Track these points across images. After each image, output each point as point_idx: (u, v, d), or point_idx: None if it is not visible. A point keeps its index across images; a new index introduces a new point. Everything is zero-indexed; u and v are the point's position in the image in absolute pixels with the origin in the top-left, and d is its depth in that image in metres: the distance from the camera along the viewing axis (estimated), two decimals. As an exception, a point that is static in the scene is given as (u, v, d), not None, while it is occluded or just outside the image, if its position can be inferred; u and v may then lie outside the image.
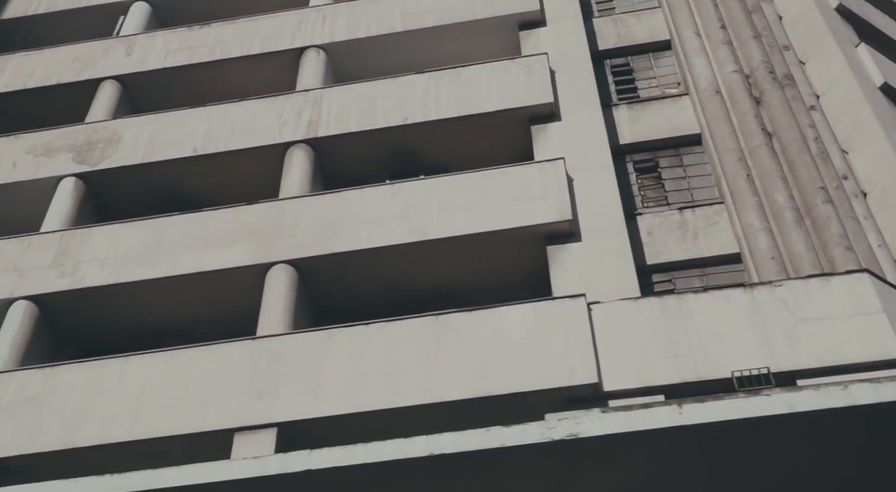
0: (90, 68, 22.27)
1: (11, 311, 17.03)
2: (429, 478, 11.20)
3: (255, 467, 11.16)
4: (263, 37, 22.13)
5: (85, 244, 17.81)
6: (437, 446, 10.93)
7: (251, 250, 17.08)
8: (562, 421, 10.85)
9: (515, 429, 10.90)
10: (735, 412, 10.48)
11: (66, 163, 19.76)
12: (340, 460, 10.98)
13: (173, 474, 11.43)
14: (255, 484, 11.19)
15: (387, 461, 10.93)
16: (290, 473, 11.09)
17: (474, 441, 10.84)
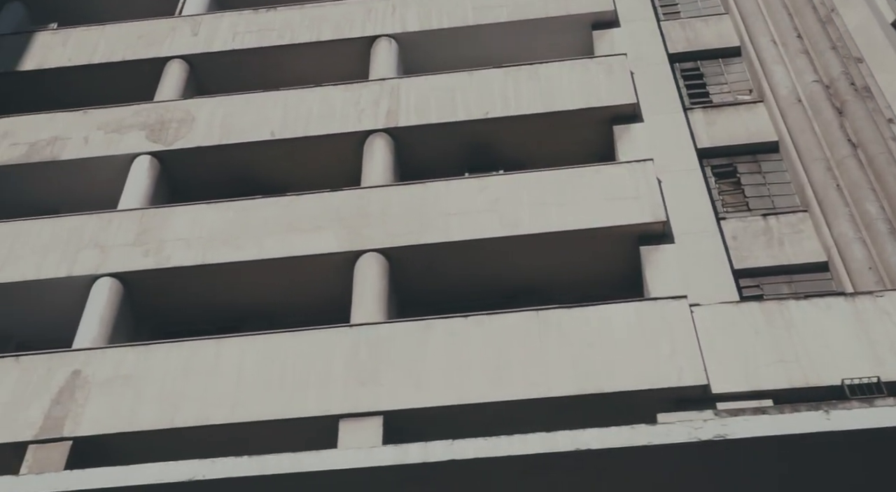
0: (156, 47, 22.10)
1: (96, 287, 16.90)
2: (567, 474, 11.23)
3: (397, 455, 11.13)
4: (332, 24, 22.05)
5: (167, 223, 17.70)
6: (582, 441, 10.95)
7: (340, 238, 17.03)
8: (708, 422, 10.91)
9: (661, 427, 10.96)
10: (886, 420, 10.59)
11: (140, 141, 19.62)
12: (487, 450, 10.97)
13: (312, 458, 11.39)
14: (396, 472, 11.17)
15: (531, 455, 10.91)
16: (433, 462, 11.05)
17: (620, 438, 10.87)
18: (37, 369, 15.52)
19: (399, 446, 11.48)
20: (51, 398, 15.07)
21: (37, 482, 11.66)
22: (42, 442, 14.57)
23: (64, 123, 20.19)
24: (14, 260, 17.39)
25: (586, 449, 10.90)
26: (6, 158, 19.64)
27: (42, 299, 17.27)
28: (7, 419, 14.89)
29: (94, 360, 15.55)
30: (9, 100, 22.03)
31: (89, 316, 16.46)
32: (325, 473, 11.30)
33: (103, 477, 11.66)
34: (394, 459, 11.10)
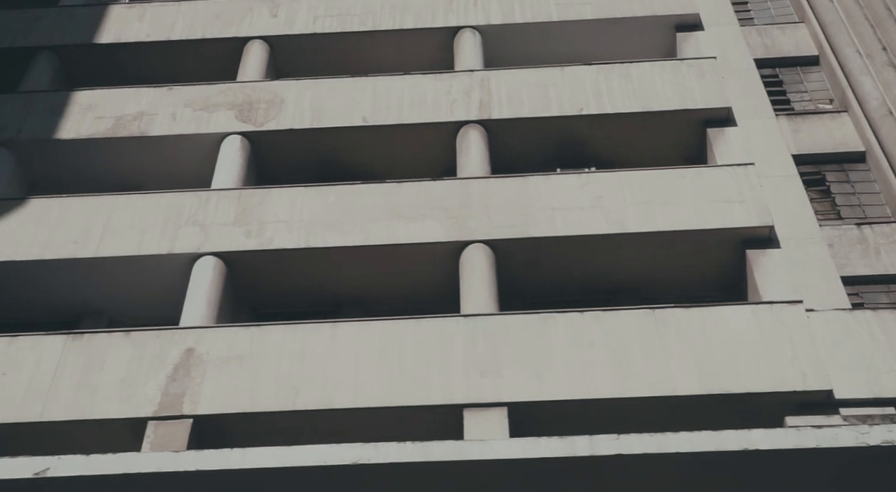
0: (235, 26, 21.96)
1: (199, 266, 16.81)
2: (731, 474, 11.34)
3: (565, 447, 11.18)
4: (414, 12, 22.01)
5: (266, 205, 17.62)
6: (750, 441, 11.06)
7: (445, 227, 17.04)
8: (874, 427, 11.06)
9: (828, 431, 11.09)
10: None
11: (229, 120, 19.50)
12: (653, 446, 11.04)
13: (479, 447, 11.41)
14: (560, 464, 11.21)
15: (698, 453, 11.01)
16: (600, 455, 11.12)
17: (788, 440, 10.99)
18: (148, 345, 15.43)
19: (565, 439, 11.52)
20: (166, 375, 14.99)
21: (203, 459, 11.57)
22: (162, 419, 14.48)
23: (149, 98, 20.02)
24: (112, 234, 17.26)
25: (754, 449, 10.98)
26: (92, 132, 19.45)
27: (139, 275, 17.16)
28: (124, 395, 14.81)
29: (206, 338, 15.48)
30: (84, 72, 21.81)
31: (194, 295, 16.36)
32: (490, 462, 11.32)
33: (267, 457, 11.60)
34: (562, 450, 11.13)
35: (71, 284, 17.22)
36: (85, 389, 14.87)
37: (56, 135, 19.40)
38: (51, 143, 19.35)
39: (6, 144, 19.31)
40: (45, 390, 14.86)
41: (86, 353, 15.36)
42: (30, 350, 15.44)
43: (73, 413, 14.64)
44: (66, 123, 19.59)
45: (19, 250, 17.09)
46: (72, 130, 19.47)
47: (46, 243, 17.15)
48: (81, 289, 17.27)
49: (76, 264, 17.02)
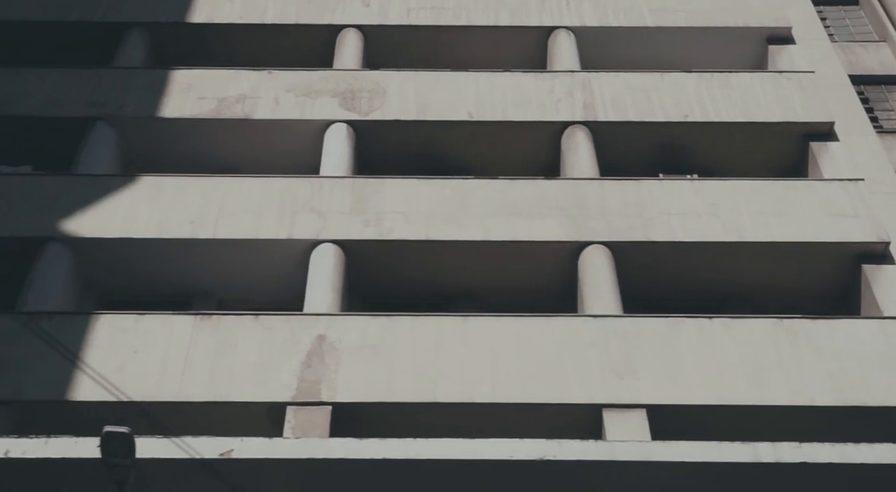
0: (329, 13, 21.90)
1: (318, 253, 16.77)
2: None
3: (748, 453, 11.31)
4: (508, 9, 22.07)
5: (380, 194, 17.63)
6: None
7: (564, 226, 17.13)
8: None
9: None
10: None
11: (333, 108, 19.46)
12: (836, 456, 11.21)
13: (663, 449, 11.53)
14: (744, 469, 11.35)
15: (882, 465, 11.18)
16: (784, 463, 11.26)
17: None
18: (278, 329, 15.40)
19: (748, 444, 11.65)
20: (300, 361, 14.97)
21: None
22: (301, 405, 14.45)
23: (250, 81, 19.93)
24: (228, 217, 17.19)
25: (937, 463, 11.18)
26: (196, 112, 19.34)
27: (254, 259, 17.10)
28: (259, 378, 14.77)
29: (336, 326, 15.47)
30: (171, 51, 21.65)
31: (317, 281, 16.32)
32: (673, 464, 11.43)
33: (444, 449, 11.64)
34: (747, 456, 11.26)
35: (185, 263, 17.14)
36: (220, 371, 14.81)
37: (158, 113, 19.27)
38: (153, 120, 19.22)
39: (107, 119, 19.14)
40: (180, 369, 14.79)
41: (216, 334, 15.30)
42: (159, 329, 15.35)
43: (210, 394, 14.58)
44: (167, 102, 19.46)
45: (136, 228, 16.97)
46: (174, 109, 19.33)
47: (163, 222, 17.04)
48: (194, 269, 17.19)
49: (193, 245, 16.93)
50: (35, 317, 15.38)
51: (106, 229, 16.93)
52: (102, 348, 15.02)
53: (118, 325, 15.37)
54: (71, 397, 14.41)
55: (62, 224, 16.92)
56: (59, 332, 15.26)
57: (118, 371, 14.74)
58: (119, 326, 15.34)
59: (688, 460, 11.34)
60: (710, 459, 11.31)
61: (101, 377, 14.59)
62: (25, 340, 15.04)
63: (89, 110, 19.21)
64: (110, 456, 10.07)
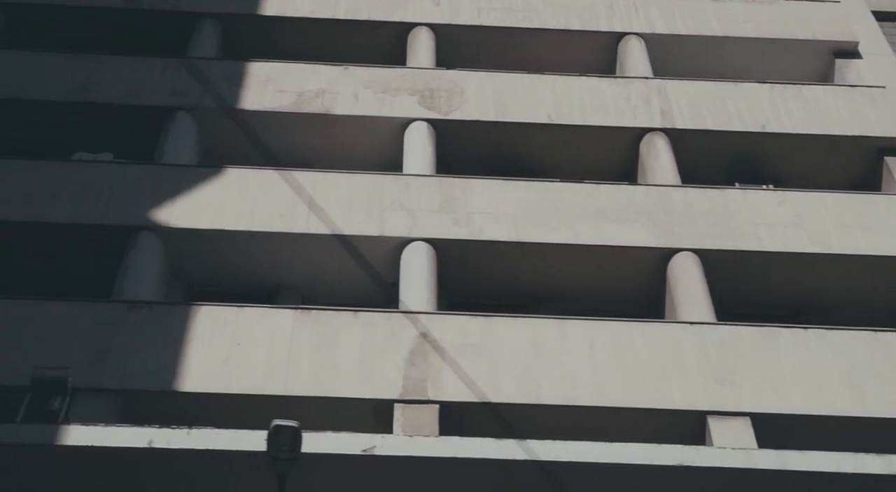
0: (399, 11, 21.94)
1: (411, 251, 16.80)
2: None
3: (883, 465, 11.45)
4: (577, 13, 22.19)
5: (467, 194, 17.69)
6: None
7: (651, 232, 17.26)
8: None
9: None
10: None
11: (413, 106, 19.51)
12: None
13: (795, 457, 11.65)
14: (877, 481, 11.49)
15: None
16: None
17: None
18: (379, 327, 15.43)
19: (882, 456, 11.81)
20: (403, 359, 15.01)
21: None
22: (409, 403, 14.50)
23: (327, 76, 19.95)
24: (318, 211, 17.19)
25: None
26: (276, 105, 19.34)
27: (343, 254, 17.09)
28: (364, 375, 14.80)
29: (436, 324, 15.52)
30: (241, 43, 21.62)
31: (412, 279, 16.36)
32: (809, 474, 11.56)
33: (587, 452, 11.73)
34: (883, 468, 11.41)
35: (272, 257, 17.12)
36: (325, 366, 14.83)
37: (239, 105, 19.24)
38: (234, 112, 19.17)
39: (188, 109, 19.09)
40: (285, 363, 14.79)
41: (317, 329, 15.31)
42: (259, 322, 15.35)
43: (317, 389, 14.60)
44: (247, 94, 19.45)
45: (226, 220, 16.95)
46: (254, 102, 19.32)
47: (253, 215, 17.03)
48: (280, 263, 17.18)
49: (283, 238, 16.93)
50: (135, 306, 15.34)
51: (196, 220, 16.90)
52: (205, 340, 15.01)
53: (219, 317, 15.35)
54: (178, 388, 14.38)
55: (153, 213, 16.89)
56: (159, 322, 15.24)
57: (223, 363, 14.74)
58: (220, 318, 15.32)
59: (825, 470, 11.44)
60: (846, 470, 11.44)
61: (205, 369, 14.57)
62: (127, 329, 15.02)
63: (170, 100, 19.16)
64: (276, 449, 10.10)
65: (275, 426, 10.22)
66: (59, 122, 19.02)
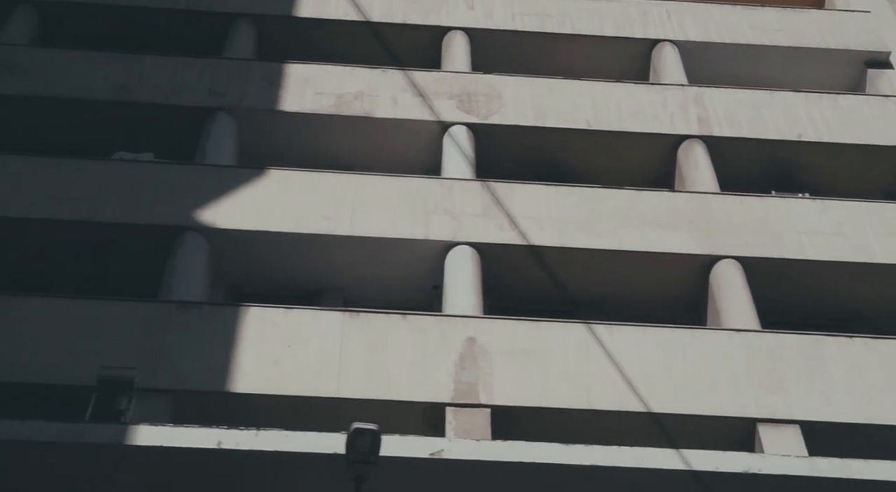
0: (434, 14, 21.97)
1: (455, 255, 16.82)
2: None
3: None
4: (611, 20, 22.26)
5: (511, 199, 17.71)
6: None
7: (695, 239, 17.30)
8: None
9: None
10: None
11: (452, 110, 19.53)
12: None
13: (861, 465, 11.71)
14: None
15: None
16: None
17: None
18: (427, 330, 15.45)
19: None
20: (453, 363, 15.02)
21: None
22: (460, 406, 14.51)
23: (365, 78, 19.96)
24: (362, 214, 17.21)
25: None
26: (316, 107, 19.34)
27: (387, 257, 17.12)
28: (415, 378, 14.82)
29: (484, 329, 15.55)
30: (275, 44, 21.61)
31: (458, 283, 16.37)
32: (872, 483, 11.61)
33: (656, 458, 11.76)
34: None
35: (316, 259, 17.14)
36: (376, 368, 14.84)
37: (278, 106, 19.24)
38: (272, 113, 19.19)
39: (228, 109, 19.09)
40: (336, 365, 14.80)
41: (366, 332, 15.32)
42: (309, 324, 15.36)
43: (369, 392, 14.60)
44: (286, 96, 19.46)
45: (271, 221, 16.95)
46: (294, 103, 19.33)
47: (299, 217, 17.03)
48: (324, 265, 17.19)
49: (328, 241, 16.94)
50: (184, 306, 15.33)
51: (241, 221, 16.90)
52: (255, 341, 15.00)
53: (268, 318, 15.35)
54: (231, 389, 14.38)
55: (198, 214, 16.88)
56: (208, 323, 15.24)
57: (275, 365, 14.74)
58: (269, 320, 15.32)
59: (890, 478, 11.50)
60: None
61: (257, 370, 14.57)
62: (177, 329, 15.01)
63: (210, 100, 19.16)
64: (355, 452, 10.10)
65: (355, 429, 10.22)
66: (98, 120, 19.00)
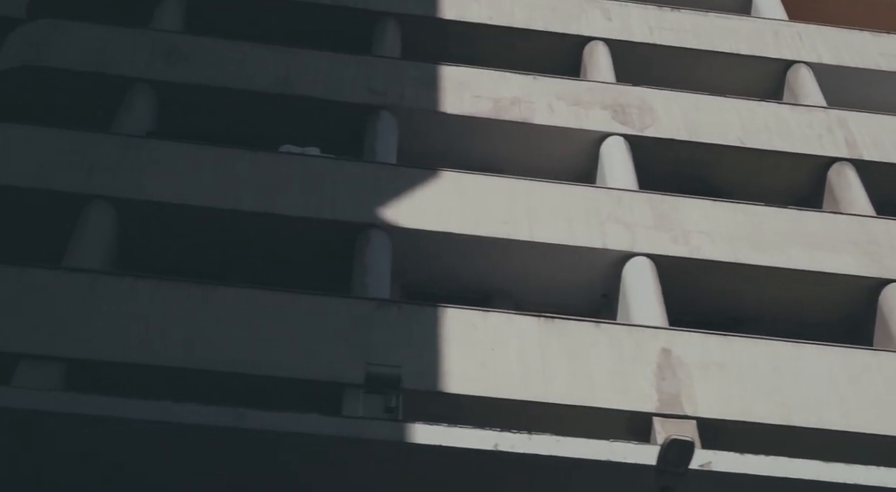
0: (574, 24, 22.17)
1: (634, 266, 16.99)
2: None
3: None
4: (745, 38, 22.55)
5: (679, 212, 17.92)
6: None
7: (861, 262, 17.56)
8: None
9: None
10: None
11: (607, 120, 19.73)
12: None
13: None
14: None
15: None
16: None
17: None
18: (621, 340, 15.59)
19: None
20: (653, 373, 15.19)
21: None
22: (667, 417, 14.68)
23: (518, 84, 20.12)
24: (538, 220, 17.35)
25: None
26: (474, 111, 19.48)
27: (561, 265, 17.26)
28: (617, 387, 14.96)
29: (676, 341, 15.72)
30: (419, 44, 21.70)
31: (640, 294, 16.52)
32: None
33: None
34: None
35: (490, 262, 17.22)
36: (579, 375, 14.97)
37: (439, 107, 19.34)
38: (435, 115, 19.31)
39: (390, 108, 19.16)
40: (540, 370, 14.91)
41: (562, 338, 15.45)
42: (506, 328, 15.47)
43: (574, 398, 14.72)
44: (444, 97, 19.57)
45: (451, 223, 17.04)
46: (454, 106, 19.45)
47: (477, 219, 17.14)
48: (497, 269, 17.29)
49: (507, 245, 17.06)
50: (383, 304, 15.41)
51: (423, 221, 16.99)
52: (459, 343, 15.09)
53: (466, 320, 15.45)
54: (443, 389, 14.46)
55: (380, 211, 16.96)
56: (409, 322, 15.32)
57: (481, 367, 14.84)
58: (468, 322, 15.42)
59: None
60: None
61: (465, 372, 14.68)
62: (381, 327, 15.08)
63: (371, 98, 19.24)
64: (667, 463, 10.25)
65: (671, 440, 10.36)
66: (260, 112, 19.00)
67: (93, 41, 19.16)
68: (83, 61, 18.79)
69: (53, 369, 13.76)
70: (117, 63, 18.94)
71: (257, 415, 11.12)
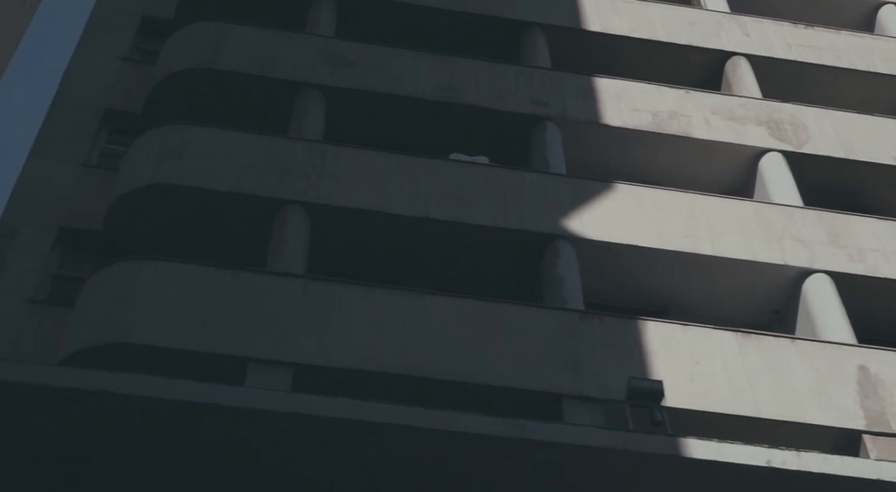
0: (714, 38, 22.28)
1: (814, 282, 17.12)
2: None
3: None
4: (881, 57, 22.70)
5: (851, 230, 18.09)
6: None
7: None
8: None
9: None
10: None
11: (763, 136, 19.85)
12: None
13: None
14: None
15: None
16: None
17: None
18: (816, 356, 15.73)
19: None
20: (854, 390, 15.32)
21: None
22: (877, 434, 14.81)
23: (672, 98, 20.23)
24: (718, 236, 17.47)
25: None
26: (635, 123, 19.58)
27: (741, 280, 17.38)
28: (821, 403, 15.09)
29: (871, 358, 15.87)
30: (563, 54, 21.78)
31: (827, 311, 16.67)
32: None
33: None
34: None
35: (672, 275, 17.35)
36: (783, 390, 15.10)
37: (602, 120, 19.44)
38: (598, 127, 19.40)
39: (555, 119, 19.25)
40: (746, 385, 15.04)
41: (762, 353, 15.59)
42: (706, 342, 15.59)
43: (783, 414, 14.84)
44: (604, 110, 19.67)
45: (636, 235, 17.16)
46: (615, 118, 19.55)
47: (660, 233, 17.25)
48: (677, 281, 17.41)
49: (690, 259, 17.17)
50: (585, 316, 15.51)
51: (609, 233, 17.12)
52: (663, 356, 15.21)
53: (668, 334, 15.57)
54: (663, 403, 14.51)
55: (565, 223, 17.05)
56: (610, 334, 15.43)
57: (690, 381, 14.94)
58: (669, 336, 15.54)
59: None
60: None
61: (675, 385, 14.76)
62: (586, 338, 15.22)
63: (535, 109, 19.33)
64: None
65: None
66: (428, 120, 19.06)
67: (260, 45, 19.18)
68: (254, 65, 18.81)
69: (281, 373, 13.81)
70: (285, 67, 18.96)
71: (537, 426, 11.16)
